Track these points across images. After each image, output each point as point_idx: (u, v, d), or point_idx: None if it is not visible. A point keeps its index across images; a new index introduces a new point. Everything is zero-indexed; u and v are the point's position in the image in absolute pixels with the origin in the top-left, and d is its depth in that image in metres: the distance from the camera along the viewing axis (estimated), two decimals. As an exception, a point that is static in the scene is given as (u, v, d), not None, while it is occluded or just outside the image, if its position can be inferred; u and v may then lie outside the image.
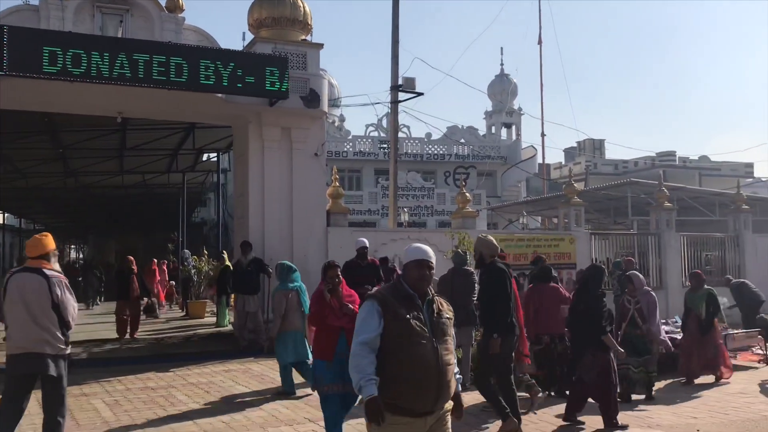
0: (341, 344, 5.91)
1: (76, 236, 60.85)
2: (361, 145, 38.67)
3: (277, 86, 11.70)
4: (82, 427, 7.08)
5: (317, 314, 6.26)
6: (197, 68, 11.06)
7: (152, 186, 27.57)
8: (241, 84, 11.44)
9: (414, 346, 3.73)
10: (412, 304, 3.84)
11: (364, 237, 14.11)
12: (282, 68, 11.76)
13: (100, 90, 11.25)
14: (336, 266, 6.52)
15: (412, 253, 3.95)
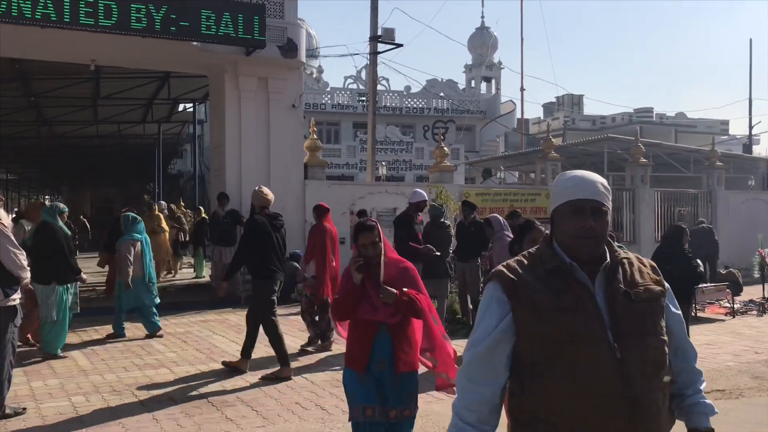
0: (381, 348, 3.99)
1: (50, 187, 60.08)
2: (339, 98, 38.28)
3: (254, 35, 11.49)
4: (59, 375, 7.12)
5: (343, 303, 4.11)
6: (172, 16, 10.81)
7: (127, 136, 27.18)
8: (216, 32, 11.21)
9: (576, 361, 2.00)
10: (570, 282, 2.09)
11: (341, 191, 14.18)
12: (259, 16, 11.54)
13: (73, 36, 10.96)
14: (371, 228, 4.05)
15: (566, 186, 2.18)
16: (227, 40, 11.50)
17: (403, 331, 4.03)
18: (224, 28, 11.25)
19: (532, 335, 2.07)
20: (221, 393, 6.49)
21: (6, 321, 5.68)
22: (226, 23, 11.24)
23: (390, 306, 3.94)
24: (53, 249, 7.74)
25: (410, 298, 3.93)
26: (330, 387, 6.75)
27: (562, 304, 2.05)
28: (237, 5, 11.61)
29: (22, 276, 5.80)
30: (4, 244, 5.65)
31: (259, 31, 11.50)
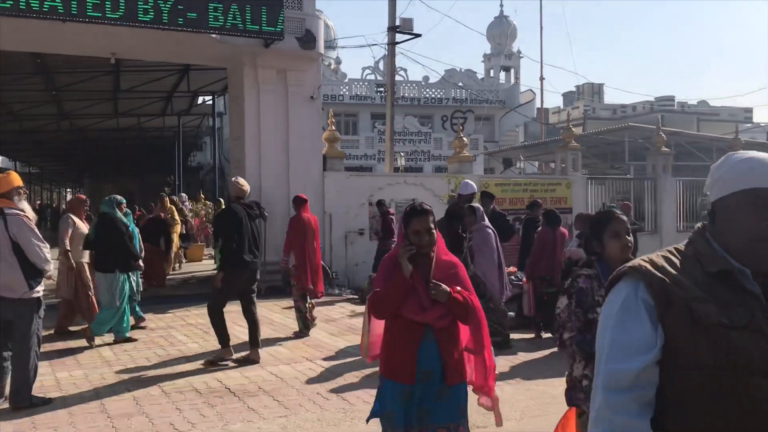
0: (427, 355, 3.43)
1: (72, 180, 60.76)
2: (357, 89, 38.22)
3: (272, 27, 11.49)
4: (83, 366, 7.22)
5: (387, 297, 3.46)
6: (191, 8, 10.84)
7: (147, 129, 27.39)
8: (235, 24, 11.23)
9: (745, 397, 1.53)
10: (739, 292, 1.61)
11: (360, 182, 14.18)
12: (277, 8, 11.54)
13: (93, 30, 11.03)
14: (427, 213, 3.51)
15: (745, 170, 1.70)
16: (246, 32, 11.50)
17: (451, 336, 3.52)
18: (243, 20, 11.25)
19: (687, 357, 1.55)
20: (243, 383, 6.54)
21: (31, 312, 5.77)
22: (245, 15, 11.25)
23: (440, 306, 3.42)
24: (114, 238, 8.16)
25: (464, 298, 3.47)
26: (351, 377, 6.78)
27: (732, 320, 1.54)
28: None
29: (46, 268, 5.87)
30: (29, 236, 5.71)
31: (278, 22, 11.50)
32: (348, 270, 13.53)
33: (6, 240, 5.63)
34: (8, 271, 5.63)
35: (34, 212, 8.40)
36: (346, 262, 13.56)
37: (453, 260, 3.65)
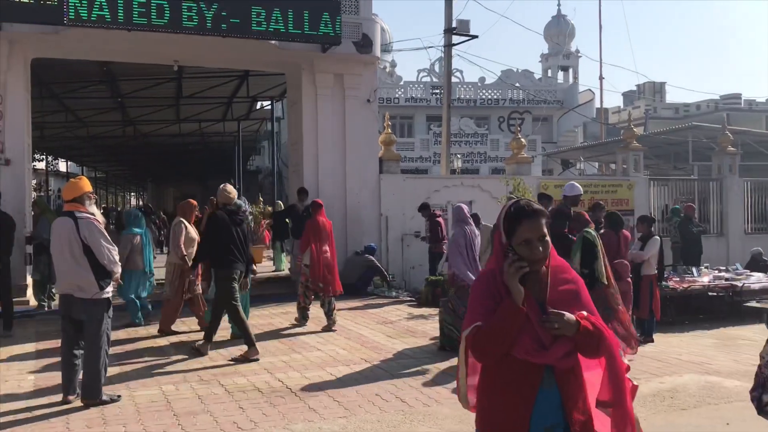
0: (546, 407, 2.56)
1: (135, 184, 62.61)
2: (412, 91, 38.27)
3: (330, 32, 11.63)
4: (149, 364, 7.43)
5: (493, 335, 2.52)
6: (251, 15, 11.06)
7: (208, 134, 28.01)
8: (294, 30, 11.40)
9: None
10: None
11: (416, 184, 14.20)
12: (334, 13, 11.67)
13: (157, 38, 11.38)
14: (539, 215, 2.63)
15: None
16: (304, 38, 11.67)
17: (577, 380, 2.62)
18: (301, 26, 11.41)
19: None
20: (303, 383, 6.63)
21: (101, 312, 5.98)
22: (303, 21, 11.41)
23: (565, 340, 2.53)
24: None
25: (596, 328, 2.57)
26: (410, 380, 6.79)
27: None
28: (314, 3, 11.76)
29: (114, 270, 6.08)
30: (99, 239, 5.92)
31: (336, 28, 11.63)
32: (405, 272, 13.56)
33: (77, 242, 5.85)
34: (80, 273, 5.87)
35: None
36: (402, 264, 13.60)
37: (571, 275, 2.73)
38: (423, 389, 6.47)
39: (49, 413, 5.74)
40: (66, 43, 11.50)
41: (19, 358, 7.81)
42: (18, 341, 8.67)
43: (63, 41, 11.31)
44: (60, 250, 5.94)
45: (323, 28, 11.58)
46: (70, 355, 6.02)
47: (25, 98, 11.62)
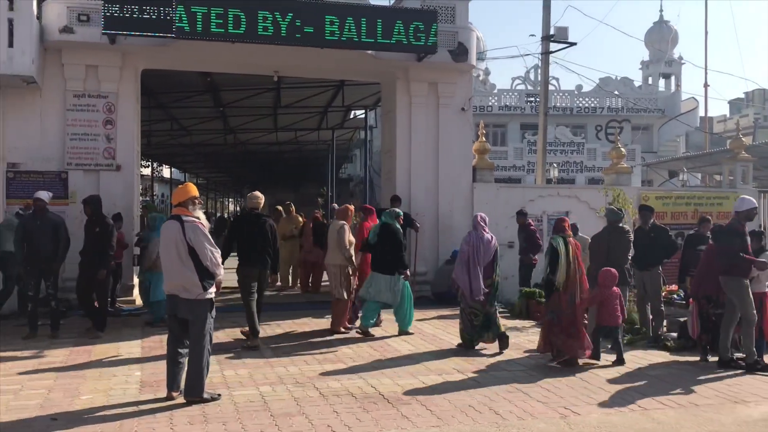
0: None
1: (233, 190, 64.86)
2: (506, 99, 37.85)
3: (426, 41, 11.67)
4: (248, 365, 7.65)
5: None
6: (348, 26, 11.25)
7: (303, 143, 28.67)
8: (390, 40, 11.51)
9: None
10: None
11: (510, 193, 13.99)
12: (431, 22, 11.70)
13: (258, 50, 11.76)
14: None
15: None
16: (401, 48, 11.75)
17: None
18: (398, 36, 11.51)
19: None
20: (396, 390, 6.65)
21: (205, 312, 6.21)
22: (399, 31, 11.51)
23: None
24: (393, 245, 9.39)
25: None
26: (503, 392, 6.69)
27: None
28: (410, 13, 11.86)
29: (217, 272, 6.30)
30: (203, 241, 6.16)
31: (432, 37, 11.66)
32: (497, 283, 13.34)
33: (183, 244, 6.13)
34: (185, 274, 6.14)
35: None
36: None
37: None
38: (517, 402, 6.35)
39: (154, 408, 6.00)
40: (173, 55, 12.06)
41: (126, 354, 8.22)
42: (125, 338, 9.12)
43: (170, 53, 11.87)
44: (167, 252, 6.23)
45: (420, 38, 11.63)
46: (176, 353, 6.28)
47: (135, 108, 12.26)
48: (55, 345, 8.58)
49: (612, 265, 8.72)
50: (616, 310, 8.16)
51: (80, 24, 10.99)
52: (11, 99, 11.21)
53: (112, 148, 11.68)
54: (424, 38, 11.66)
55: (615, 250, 9.04)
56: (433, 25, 11.72)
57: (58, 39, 11.02)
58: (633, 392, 6.80)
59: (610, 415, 6.07)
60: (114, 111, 11.72)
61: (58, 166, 11.43)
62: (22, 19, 10.54)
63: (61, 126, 11.46)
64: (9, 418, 5.71)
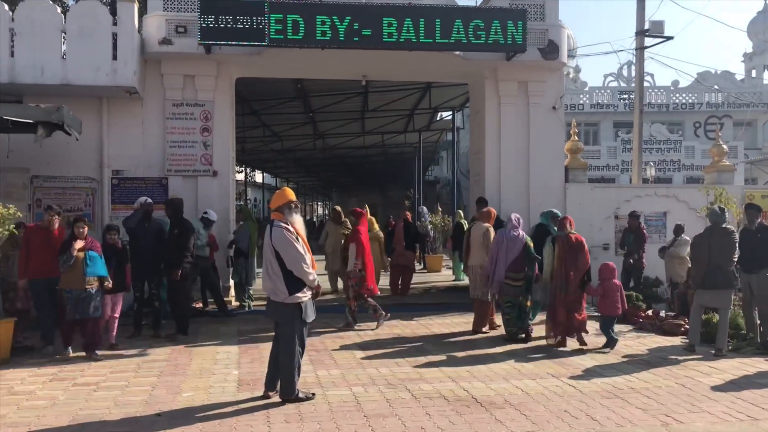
0: None
1: (322, 193, 66.04)
2: (598, 97, 36.78)
3: (515, 40, 11.49)
4: (340, 366, 7.74)
5: None
6: (437, 27, 11.22)
7: (390, 146, 28.86)
8: (479, 40, 11.39)
9: None
10: None
11: (604, 194, 13.57)
12: (520, 21, 11.50)
13: (348, 55, 11.91)
14: None
15: None
16: (490, 48, 11.62)
17: None
18: (486, 35, 11.38)
19: None
20: (489, 394, 6.56)
21: (293, 315, 6.33)
22: (488, 30, 11.37)
23: None
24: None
25: None
26: (600, 397, 6.48)
27: None
28: (499, 12, 11.70)
29: (306, 278, 6.34)
30: (286, 247, 6.27)
31: (521, 35, 11.47)
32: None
33: (271, 249, 6.29)
34: (273, 277, 6.31)
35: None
36: (589, 277, 13.01)
37: None
38: (615, 408, 6.14)
39: (251, 407, 6.16)
40: (266, 63, 12.39)
41: (223, 353, 8.48)
42: (222, 338, 9.42)
43: (263, 61, 12.19)
44: (264, 256, 6.41)
45: (508, 37, 11.46)
46: (277, 354, 6.43)
47: (230, 115, 12.66)
48: (157, 344, 8.97)
49: (714, 267, 8.37)
50: (617, 301, 8.91)
51: (178, 35, 11.46)
52: (115, 109, 11.81)
53: (209, 155, 12.11)
54: (513, 37, 11.48)
55: (717, 252, 8.60)
56: (521, 24, 11.52)
57: (158, 50, 11.53)
58: (739, 401, 6.44)
59: (716, 424, 5.76)
60: (210, 119, 12.15)
61: (158, 172, 11.95)
62: (124, 32, 11.11)
63: (161, 134, 11.97)
64: (117, 413, 6.00)
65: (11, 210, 8.50)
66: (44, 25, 10.86)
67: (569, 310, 8.83)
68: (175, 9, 11.59)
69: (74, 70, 10.89)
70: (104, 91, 11.38)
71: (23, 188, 11.44)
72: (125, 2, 11.23)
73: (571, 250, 8.93)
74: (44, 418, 5.86)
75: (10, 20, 10.83)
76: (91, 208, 11.65)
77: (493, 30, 11.43)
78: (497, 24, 11.43)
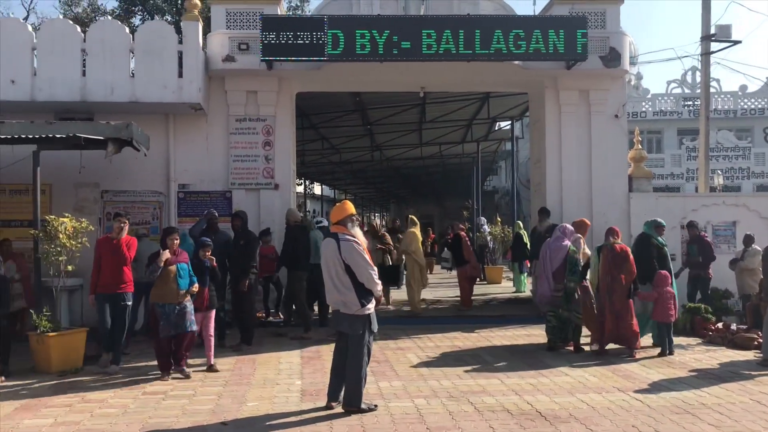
0: None
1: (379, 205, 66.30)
2: (661, 104, 35.89)
3: (576, 48, 11.34)
4: (401, 377, 7.75)
5: None
6: (496, 37, 11.18)
7: (447, 156, 28.79)
8: (539, 49, 11.28)
9: None
10: None
11: (670, 203, 13.22)
12: (580, 29, 11.35)
13: (407, 67, 11.97)
14: None
15: None
16: (550, 57, 11.50)
17: None
18: (545, 45, 11.27)
19: None
20: (553, 408, 6.45)
21: (363, 327, 6.38)
22: (547, 39, 11.27)
23: None
24: (648, 257, 9.51)
25: None
26: (669, 413, 6.29)
27: None
28: (559, 21, 11.58)
29: (374, 289, 6.43)
30: (357, 259, 6.33)
31: (582, 44, 11.32)
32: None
33: (340, 263, 6.34)
34: (343, 290, 6.35)
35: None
36: (655, 288, 12.67)
37: None
38: (685, 424, 5.95)
39: (314, 417, 6.22)
40: (325, 78, 12.57)
41: (286, 364, 8.59)
42: (285, 348, 9.55)
43: (323, 76, 12.37)
44: (327, 269, 6.48)
45: (569, 45, 11.32)
46: (341, 365, 6.48)
47: (291, 129, 12.87)
48: (222, 353, 9.14)
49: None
50: (670, 308, 9.06)
51: (241, 52, 11.74)
52: (181, 125, 12.16)
53: (270, 168, 12.33)
54: (574, 46, 11.33)
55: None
56: (581, 32, 11.37)
57: (221, 67, 11.83)
58: (822, 420, 6.16)
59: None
60: (272, 133, 12.38)
61: (222, 186, 12.23)
62: (189, 51, 11.44)
63: (225, 148, 12.26)
64: (185, 422, 6.15)
65: (84, 223, 8.85)
66: (114, 45, 11.27)
67: (617, 319, 8.88)
68: (238, 27, 11.89)
69: (142, 88, 11.26)
70: (170, 108, 11.73)
71: (94, 202, 11.88)
72: (190, 21, 11.58)
73: (616, 259, 9.00)
74: (116, 425, 6.05)
75: (82, 41, 11.29)
76: (158, 221, 11.99)
77: (553, 39, 11.31)
78: (557, 33, 11.31)
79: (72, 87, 11.11)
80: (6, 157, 9.88)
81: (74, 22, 11.56)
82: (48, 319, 8.32)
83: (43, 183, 9.37)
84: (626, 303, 8.96)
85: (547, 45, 11.31)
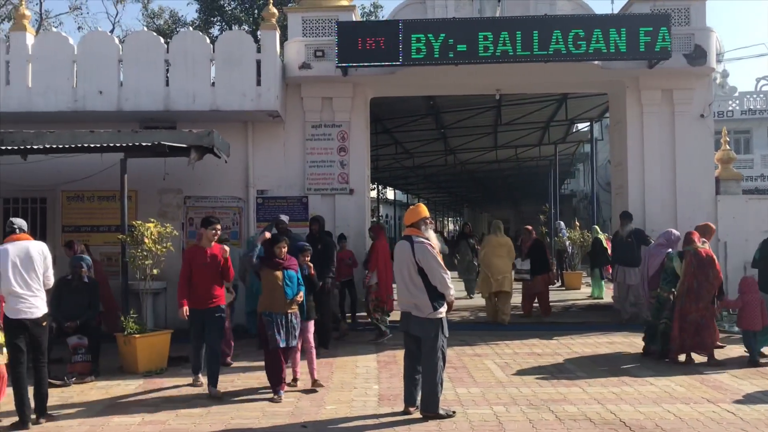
0: None
1: (453, 209, 66.01)
2: (750, 102, 34.28)
3: (659, 47, 10.95)
4: (479, 384, 7.64)
5: None
6: (574, 38, 10.93)
7: (523, 159, 28.35)
8: (619, 49, 10.96)
9: None
10: None
11: (762, 206, 12.60)
12: (663, 27, 10.96)
13: (482, 70, 11.85)
14: None
15: None
16: (631, 56, 11.15)
17: None
18: (626, 44, 10.94)
19: None
20: (638, 418, 6.22)
21: (436, 330, 6.33)
22: (628, 38, 10.94)
23: None
24: None
25: None
26: (764, 426, 5.98)
27: None
28: (640, 19, 11.21)
29: (447, 293, 6.39)
30: (431, 262, 6.30)
31: (665, 42, 10.93)
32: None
33: (413, 265, 6.33)
34: (416, 293, 6.34)
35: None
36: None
37: None
38: (784, 441, 5.62)
39: (392, 422, 6.21)
40: (399, 82, 12.58)
41: (363, 367, 8.62)
42: (361, 352, 9.59)
43: (396, 81, 12.39)
44: (400, 272, 6.48)
45: (651, 44, 10.95)
46: (412, 369, 6.46)
47: (365, 134, 12.94)
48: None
49: None
50: (756, 316, 8.59)
51: (316, 59, 11.89)
52: (259, 132, 12.41)
53: (345, 173, 12.44)
54: (656, 44, 10.95)
55: None
56: (665, 29, 10.98)
57: (298, 75, 12.02)
58: None
59: None
60: (347, 139, 12.49)
61: (299, 191, 12.41)
62: (267, 59, 11.67)
63: (301, 154, 12.44)
64: (266, 423, 6.25)
65: (168, 228, 9.15)
66: (195, 55, 11.62)
67: (698, 326, 8.56)
68: (314, 34, 12.06)
69: (222, 97, 11.56)
70: (249, 116, 11.99)
71: (177, 208, 12.27)
72: (268, 30, 11.82)
73: (701, 264, 8.61)
74: (200, 425, 6.21)
75: (165, 52, 11.70)
76: (238, 226, 12.29)
77: (634, 37, 10.96)
78: (638, 31, 10.96)
79: (156, 96, 11.52)
80: (95, 164, 10.32)
81: (157, 33, 11.97)
82: (135, 321, 8.63)
83: (130, 189, 9.72)
84: (711, 310, 8.64)
85: (629, 44, 10.97)
